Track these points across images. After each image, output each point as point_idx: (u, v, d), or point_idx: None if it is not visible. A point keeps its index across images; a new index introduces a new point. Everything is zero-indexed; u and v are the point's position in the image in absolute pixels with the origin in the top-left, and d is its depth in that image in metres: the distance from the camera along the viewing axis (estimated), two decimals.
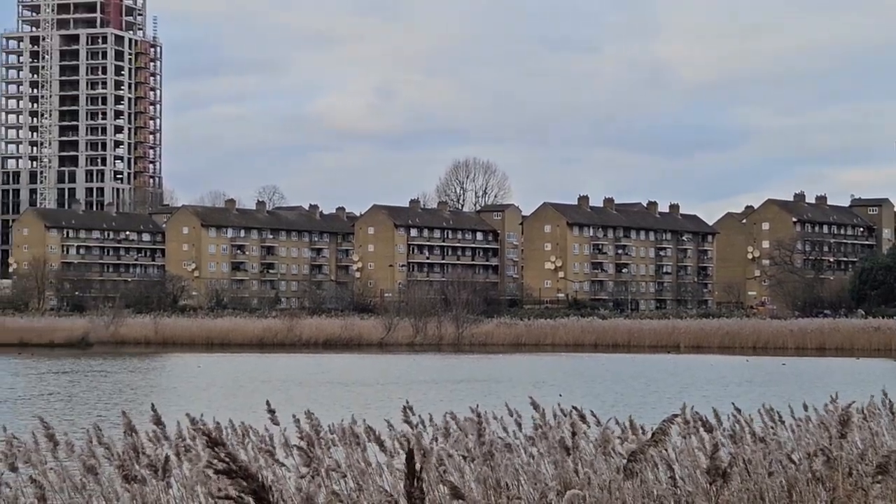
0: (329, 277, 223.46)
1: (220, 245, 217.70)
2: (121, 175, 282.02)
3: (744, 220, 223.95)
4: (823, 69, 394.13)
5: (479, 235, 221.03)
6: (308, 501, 8.78)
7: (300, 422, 13.77)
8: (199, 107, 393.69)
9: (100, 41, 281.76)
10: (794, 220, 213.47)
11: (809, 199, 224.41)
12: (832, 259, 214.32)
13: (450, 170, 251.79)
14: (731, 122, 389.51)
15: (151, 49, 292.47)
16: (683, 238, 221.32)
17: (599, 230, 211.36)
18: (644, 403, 49.54)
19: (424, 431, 14.74)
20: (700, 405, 15.88)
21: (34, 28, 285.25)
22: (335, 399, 52.14)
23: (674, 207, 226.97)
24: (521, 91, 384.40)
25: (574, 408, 14.78)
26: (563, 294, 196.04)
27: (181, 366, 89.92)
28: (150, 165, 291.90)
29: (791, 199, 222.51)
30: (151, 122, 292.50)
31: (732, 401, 18.40)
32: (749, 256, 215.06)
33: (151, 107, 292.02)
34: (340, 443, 13.89)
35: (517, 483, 13.31)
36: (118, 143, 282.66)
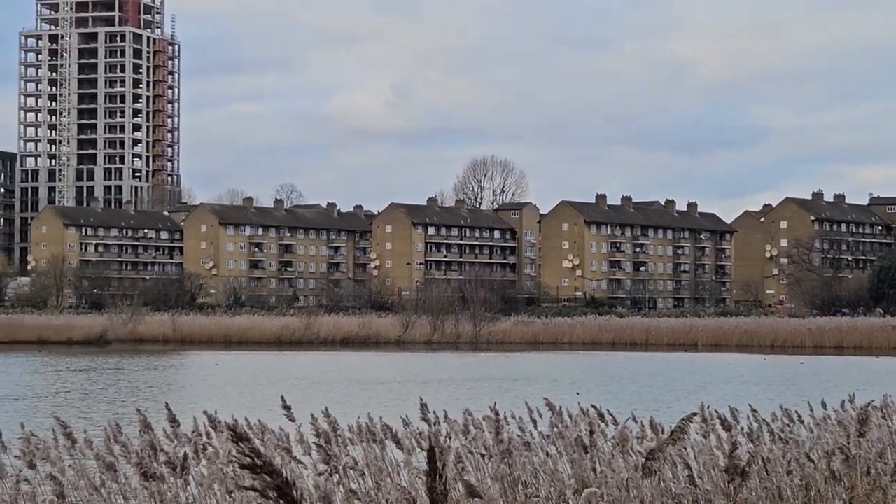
0: (346, 275, 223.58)
1: (238, 243, 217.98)
2: (139, 173, 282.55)
3: (762, 219, 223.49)
4: (842, 67, 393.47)
5: (497, 234, 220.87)
6: (325, 500, 8.76)
7: (318, 419, 13.76)
8: (217, 105, 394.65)
9: (118, 39, 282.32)
10: (813, 219, 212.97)
11: (828, 198, 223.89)
12: (850, 257, 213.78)
13: (467, 168, 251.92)
14: (750, 121, 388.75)
15: (169, 47, 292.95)
16: (701, 236, 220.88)
17: (617, 228, 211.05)
18: (662, 402, 49.46)
19: (441, 429, 14.74)
20: (718, 404, 15.85)
21: (53, 26, 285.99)
22: (352, 397, 52.17)
23: (692, 206, 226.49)
24: (539, 89, 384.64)
25: (592, 406, 14.79)
26: (581, 292, 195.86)
27: (199, 364, 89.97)
28: (168, 163, 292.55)
29: (809, 198, 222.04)
30: (169, 121, 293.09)
31: (750, 399, 18.38)
32: (767, 255, 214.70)
33: (169, 105, 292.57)
34: (358, 441, 13.89)
35: (535, 481, 13.30)
36: (136, 142, 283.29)
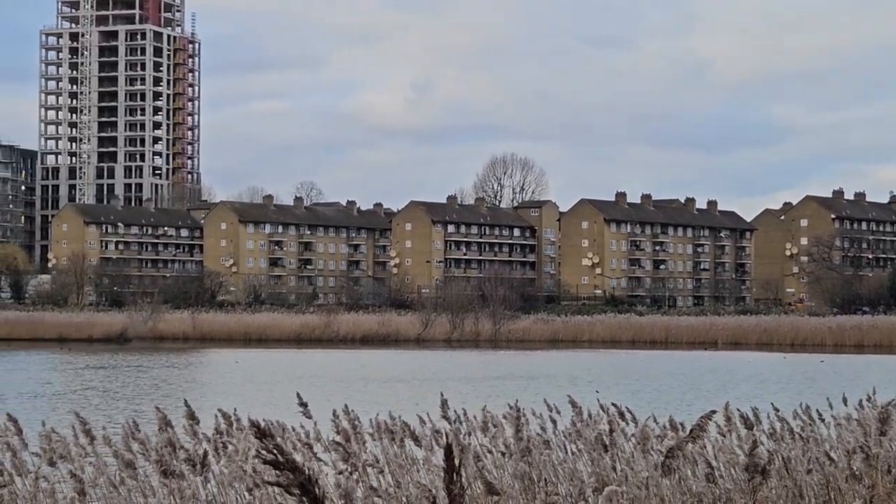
0: (366, 273, 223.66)
1: (258, 241, 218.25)
2: (159, 171, 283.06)
3: (782, 217, 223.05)
4: (864, 66, 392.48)
5: (517, 231, 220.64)
6: (346, 497, 8.75)
7: (338, 417, 13.76)
8: (238, 103, 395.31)
9: (138, 37, 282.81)
10: (833, 217, 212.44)
11: (848, 196, 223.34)
12: (871, 256, 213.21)
13: (487, 166, 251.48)
14: (770, 119, 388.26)
15: (190, 45, 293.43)
16: (721, 234, 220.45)
17: (637, 226, 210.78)
18: (681, 400, 49.43)
19: (461, 427, 14.74)
20: (738, 402, 15.82)
21: (73, 24, 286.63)
22: (372, 395, 52.19)
23: (712, 204, 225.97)
24: (560, 87, 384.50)
25: (613, 404, 14.78)
26: (601, 290, 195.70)
27: (218, 361, 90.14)
28: (189, 161, 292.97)
29: (830, 196, 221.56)
30: (190, 119, 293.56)
31: (771, 398, 18.34)
32: (787, 253, 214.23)
33: (190, 103, 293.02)
34: (378, 438, 13.89)
35: (555, 479, 13.29)
36: (157, 139, 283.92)
